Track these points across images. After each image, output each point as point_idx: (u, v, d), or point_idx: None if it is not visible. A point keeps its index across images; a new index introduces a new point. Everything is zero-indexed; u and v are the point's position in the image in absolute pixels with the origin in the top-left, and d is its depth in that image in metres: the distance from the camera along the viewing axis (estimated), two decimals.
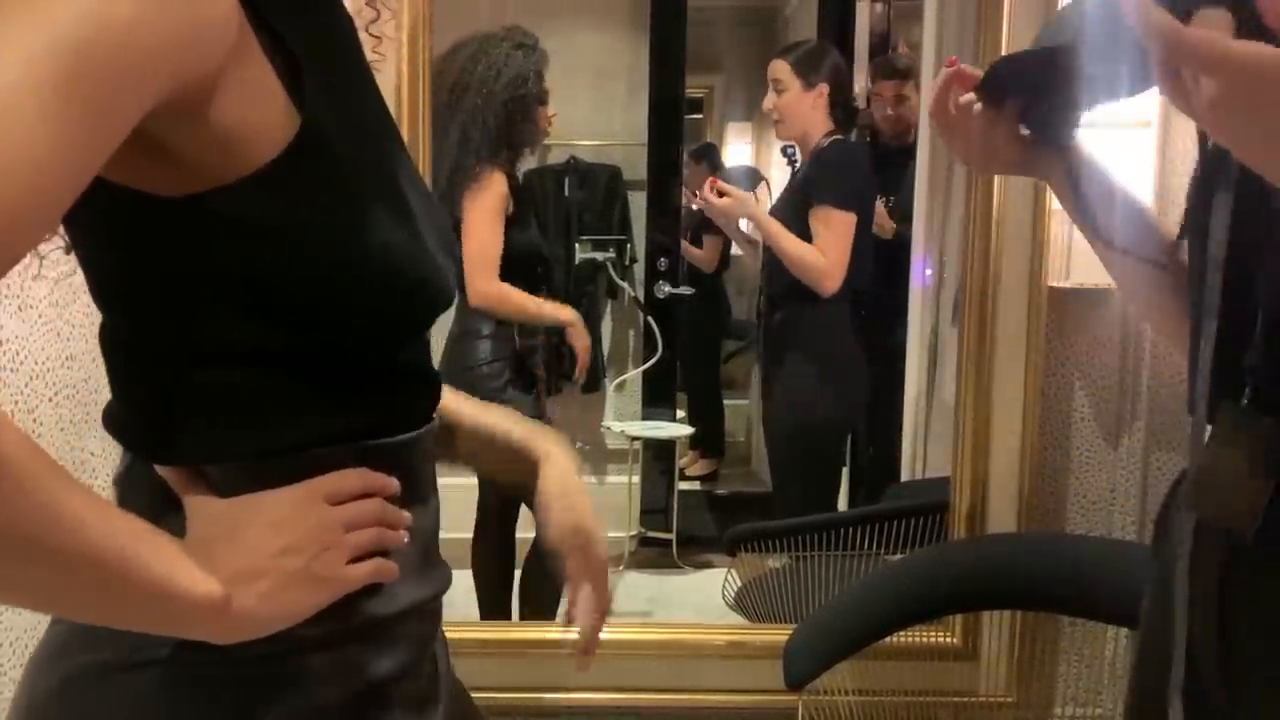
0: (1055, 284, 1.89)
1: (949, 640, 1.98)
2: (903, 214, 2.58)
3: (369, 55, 0.77)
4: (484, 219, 2.25)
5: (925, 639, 1.95)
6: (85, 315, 1.44)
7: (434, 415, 0.78)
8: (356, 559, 0.68)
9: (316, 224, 0.65)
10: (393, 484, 0.70)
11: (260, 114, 0.62)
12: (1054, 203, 1.85)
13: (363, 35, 0.78)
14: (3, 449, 0.49)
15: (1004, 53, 1.83)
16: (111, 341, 0.71)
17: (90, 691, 0.67)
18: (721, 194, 2.60)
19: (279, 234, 0.64)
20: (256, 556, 0.63)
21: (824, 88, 2.49)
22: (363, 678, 0.72)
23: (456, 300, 2.47)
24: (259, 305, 0.65)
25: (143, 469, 0.70)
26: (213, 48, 0.58)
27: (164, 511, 0.66)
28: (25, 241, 0.51)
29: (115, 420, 0.71)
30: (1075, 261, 1.87)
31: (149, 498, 0.68)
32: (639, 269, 3.34)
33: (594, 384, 3.50)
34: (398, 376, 0.74)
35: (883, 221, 2.58)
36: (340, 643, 0.70)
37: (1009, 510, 1.93)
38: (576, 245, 3.30)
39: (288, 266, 0.64)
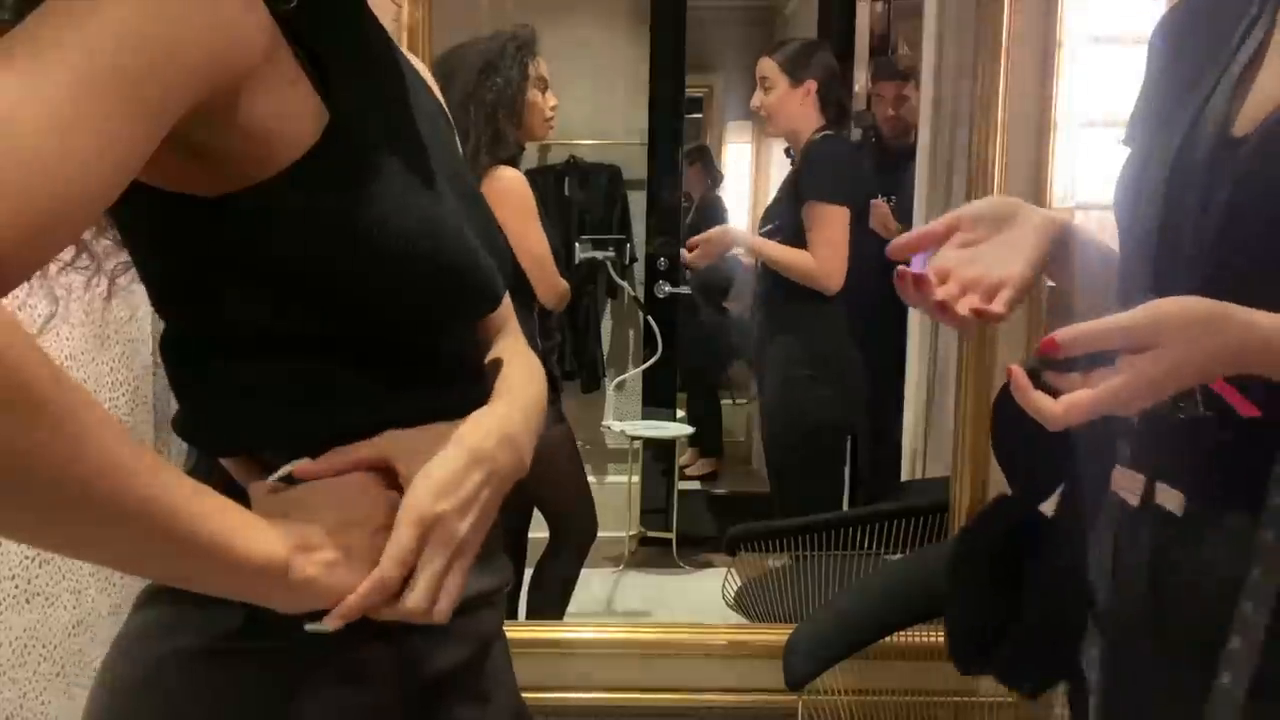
0: (1055, 283, 1.89)
1: None
2: (903, 214, 2.57)
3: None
4: (525, 222, 2.17)
5: (925, 639, 1.95)
6: (84, 315, 1.44)
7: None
8: None
9: (347, 214, 0.67)
10: None
11: (292, 113, 0.65)
12: (1054, 203, 1.86)
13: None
14: (60, 399, 0.50)
15: (1003, 53, 1.84)
16: (167, 345, 0.74)
17: (173, 680, 0.70)
18: (693, 247, 2.66)
19: (313, 226, 0.66)
20: (317, 529, 0.66)
21: (811, 84, 2.47)
22: (422, 672, 0.74)
23: None
24: (298, 295, 0.68)
25: (206, 467, 0.73)
26: (247, 52, 0.61)
27: None
28: (66, 236, 0.53)
29: (183, 424, 0.74)
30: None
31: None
32: (639, 268, 3.34)
33: (594, 383, 3.50)
34: (442, 366, 0.76)
35: (887, 222, 2.57)
36: (398, 634, 0.72)
37: None
38: (576, 245, 3.30)
39: (321, 256, 0.67)
